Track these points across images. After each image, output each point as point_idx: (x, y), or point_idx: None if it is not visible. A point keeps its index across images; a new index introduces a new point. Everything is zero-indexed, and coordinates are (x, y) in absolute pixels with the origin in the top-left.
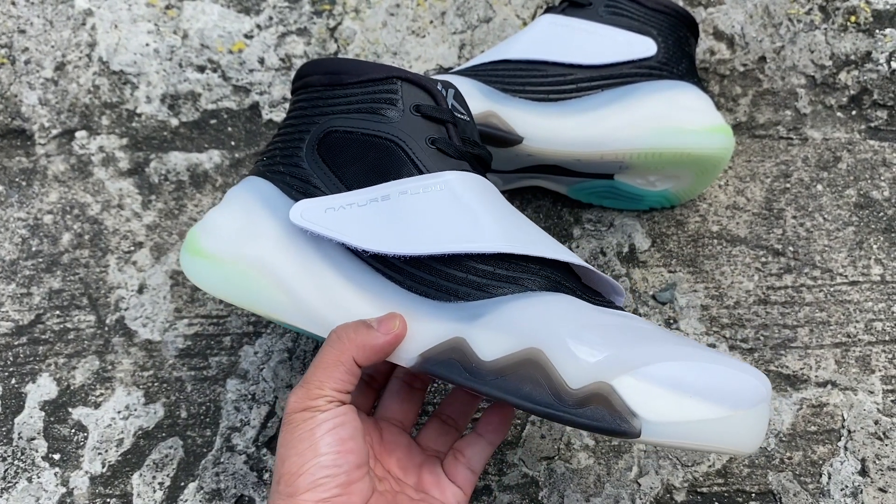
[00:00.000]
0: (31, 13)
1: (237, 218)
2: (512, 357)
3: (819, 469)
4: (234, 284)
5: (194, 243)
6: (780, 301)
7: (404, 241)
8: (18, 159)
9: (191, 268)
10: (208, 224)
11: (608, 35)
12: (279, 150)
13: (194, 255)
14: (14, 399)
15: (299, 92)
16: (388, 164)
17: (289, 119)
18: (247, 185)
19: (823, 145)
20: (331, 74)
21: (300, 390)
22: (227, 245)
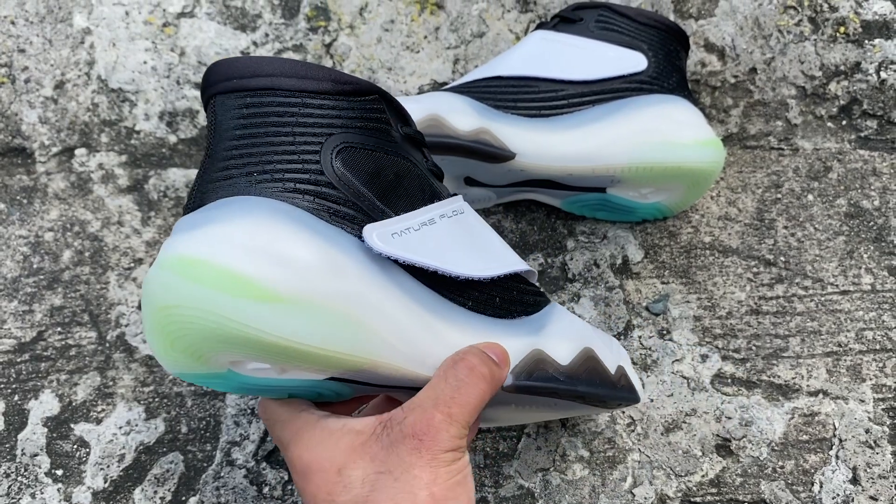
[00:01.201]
0: (30, 32)
1: (310, 249)
2: (578, 358)
3: (811, 478)
4: (326, 330)
5: (256, 287)
6: (772, 311)
7: (480, 263)
8: (19, 177)
9: (265, 318)
10: (274, 263)
11: (599, 50)
12: (275, 164)
13: (265, 300)
14: (17, 415)
15: (261, 94)
16: (419, 186)
17: (264, 128)
18: (263, 208)
19: (814, 155)
20: (305, 80)
21: (449, 427)
22: (310, 283)
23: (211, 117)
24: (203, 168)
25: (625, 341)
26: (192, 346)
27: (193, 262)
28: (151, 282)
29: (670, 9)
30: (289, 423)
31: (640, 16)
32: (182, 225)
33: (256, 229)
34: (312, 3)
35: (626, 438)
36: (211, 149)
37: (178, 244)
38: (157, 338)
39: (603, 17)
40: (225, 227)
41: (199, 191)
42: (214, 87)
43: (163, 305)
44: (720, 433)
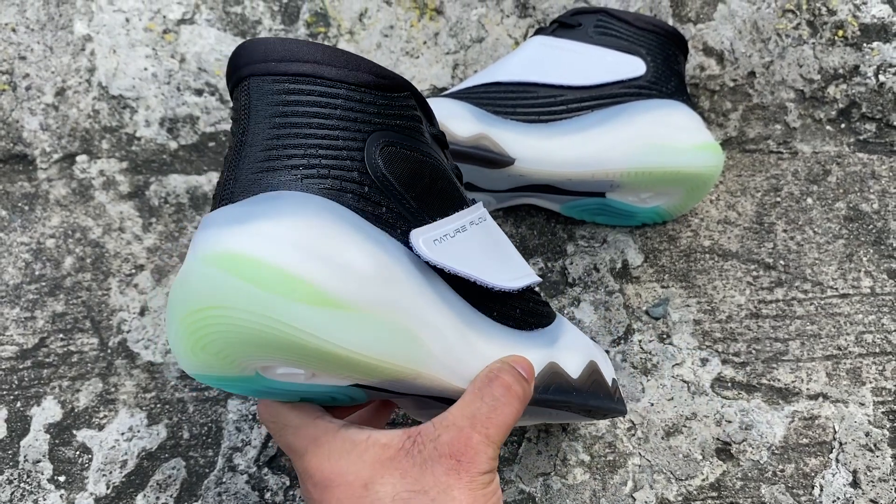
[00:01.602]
0: (31, 39)
1: (365, 255)
2: (585, 371)
3: (811, 481)
4: (381, 340)
5: (316, 292)
6: (772, 315)
7: (507, 274)
8: (21, 184)
9: (322, 325)
10: (331, 266)
11: (597, 56)
12: (318, 157)
13: (323, 306)
14: (19, 422)
15: (302, 81)
16: (450, 190)
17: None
18: (314, 206)
19: (813, 159)
20: (356, 71)
21: (487, 448)
22: (369, 291)
23: (244, 100)
24: (238, 155)
25: (625, 345)
26: (231, 350)
27: (246, 260)
28: (192, 278)
29: (669, 13)
30: (303, 429)
31: (639, 21)
32: (223, 217)
33: (310, 229)
34: (312, 8)
35: (626, 443)
36: (247, 135)
37: (226, 239)
38: (187, 339)
39: (602, 22)
40: (277, 224)
41: (237, 180)
42: (249, 67)
43: (205, 306)
44: (720, 437)
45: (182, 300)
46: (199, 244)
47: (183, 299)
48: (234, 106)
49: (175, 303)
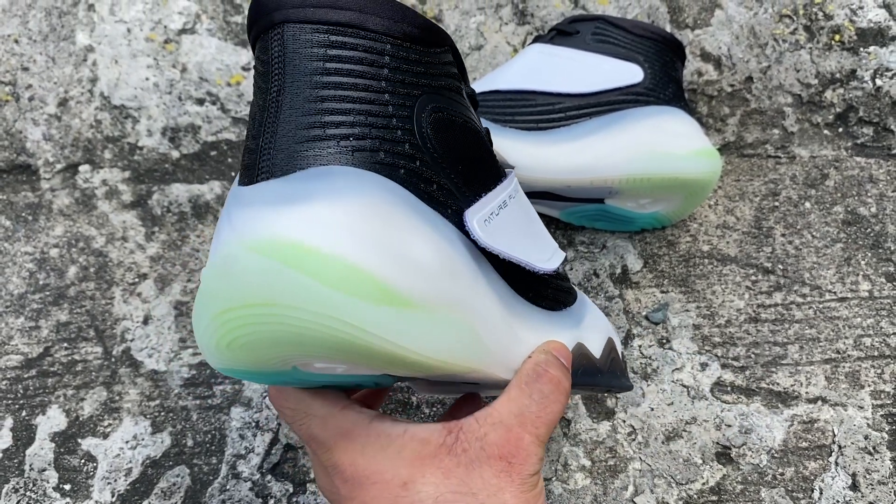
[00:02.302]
0: (33, 50)
1: (429, 244)
2: (605, 350)
3: (811, 484)
4: (447, 339)
5: (383, 288)
6: (771, 319)
7: (544, 254)
8: (24, 194)
9: (389, 326)
10: (397, 258)
11: (595, 63)
12: (368, 126)
13: (389, 304)
14: (25, 431)
15: (345, 33)
16: (489, 159)
17: (352, 77)
18: (370, 185)
19: (811, 163)
20: (401, 23)
21: (538, 449)
22: (432, 285)
23: (276, 50)
24: (275, 117)
25: (625, 350)
26: (278, 349)
27: (306, 250)
28: (238, 268)
29: (667, 19)
30: (330, 419)
31: (636, 28)
32: (268, 194)
33: (370, 214)
34: None
35: (627, 447)
36: (284, 94)
37: (276, 222)
38: (226, 335)
39: (599, 29)
40: (333, 207)
41: (276, 149)
42: (283, 12)
43: (256, 301)
44: (720, 441)
45: (224, 293)
46: (241, 225)
47: (225, 292)
48: (259, 56)
49: (212, 295)
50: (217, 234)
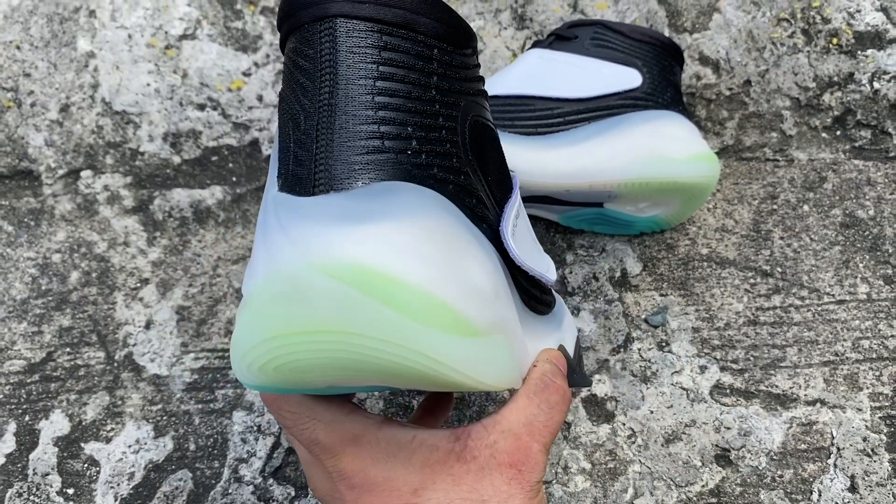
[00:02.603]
0: (35, 57)
1: (485, 267)
2: (576, 349)
3: (809, 486)
4: (494, 365)
5: (457, 319)
6: (769, 321)
7: (545, 261)
8: (26, 200)
9: (458, 355)
10: (463, 286)
11: (594, 68)
12: (422, 139)
13: (458, 333)
14: (28, 435)
15: (398, 34)
16: (506, 167)
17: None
18: (433, 205)
19: (809, 166)
20: (446, 25)
21: (544, 457)
22: (488, 311)
23: (326, 46)
24: (329, 123)
25: (624, 353)
26: (336, 374)
27: (383, 278)
28: (308, 291)
29: (665, 23)
30: (337, 425)
31: (635, 32)
32: (333, 210)
33: (435, 236)
34: None
35: (626, 450)
36: (337, 96)
37: (345, 243)
38: (279, 359)
39: (598, 34)
40: (400, 229)
41: (333, 158)
42: (337, 5)
43: (327, 328)
44: (719, 443)
45: (291, 315)
46: (306, 242)
47: (293, 314)
48: (300, 49)
49: (274, 315)
50: (269, 246)
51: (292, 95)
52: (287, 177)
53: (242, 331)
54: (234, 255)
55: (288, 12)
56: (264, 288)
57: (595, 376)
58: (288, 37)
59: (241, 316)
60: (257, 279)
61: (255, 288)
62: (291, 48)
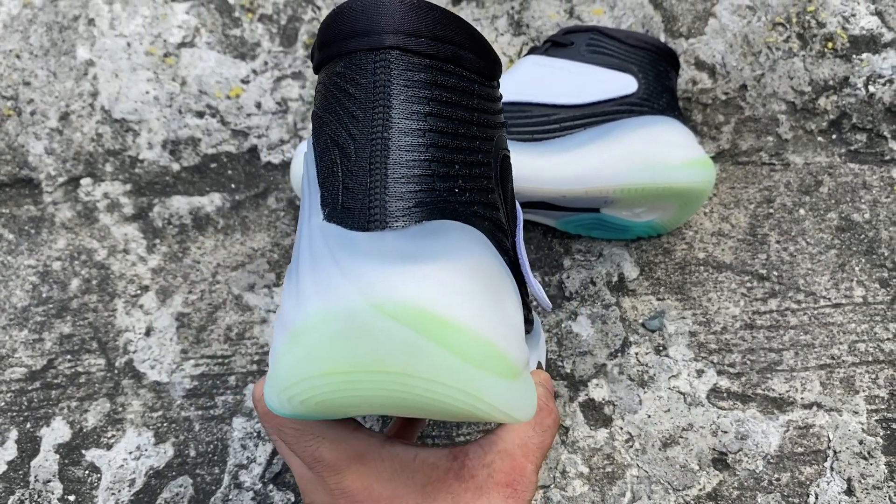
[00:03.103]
0: (35, 65)
1: (517, 308)
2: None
3: (806, 489)
4: (524, 401)
5: (506, 362)
6: (766, 325)
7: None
8: (27, 208)
9: (503, 396)
10: (508, 328)
11: (590, 74)
12: (467, 176)
13: (506, 377)
14: (29, 443)
15: (447, 70)
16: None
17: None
18: (479, 246)
19: (805, 170)
20: (484, 60)
21: (537, 477)
22: (524, 352)
23: (382, 77)
24: (383, 157)
25: (622, 358)
26: (381, 409)
27: (442, 322)
28: (370, 331)
29: (661, 28)
30: (342, 442)
31: (630, 38)
32: (387, 247)
33: (483, 277)
34: (310, 30)
35: (624, 454)
36: (391, 130)
37: (404, 284)
38: (330, 393)
39: (593, 40)
40: (455, 271)
41: (391, 195)
42: (395, 36)
43: (388, 370)
44: (716, 447)
45: (350, 354)
46: (365, 280)
47: (352, 353)
48: (348, 75)
49: (331, 352)
50: (322, 280)
51: (336, 121)
52: (336, 207)
53: (292, 365)
54: (233, 262)
55: (337, 37)
56: (320, 323)
57: (593, 381)
58: (331, 59)
59: (292, 349)
60: (309, 312)
61: (308, 322)
62: (338, 72)
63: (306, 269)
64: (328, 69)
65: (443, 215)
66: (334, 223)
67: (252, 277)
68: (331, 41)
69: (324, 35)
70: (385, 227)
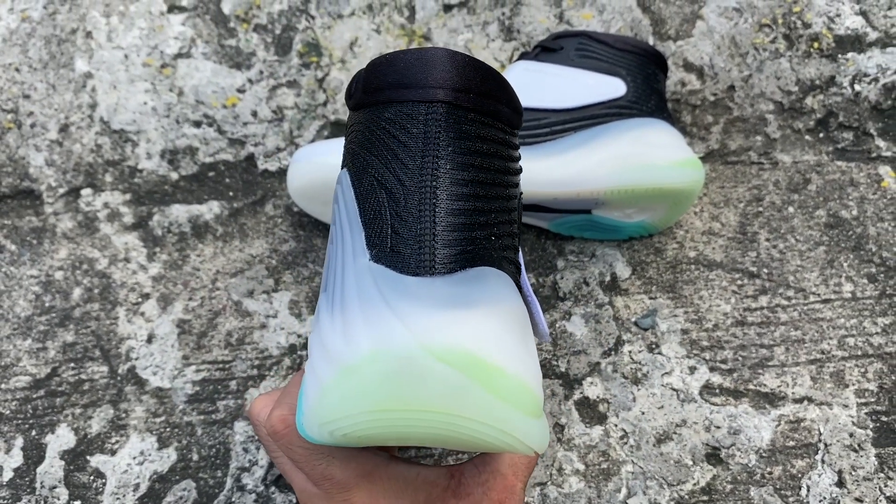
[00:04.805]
0: (34, 78)
1: (534, 341)
2: None
3: (798, 482)
4: (546, 436)
5: (537, 404)
6: (757, 322)
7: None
8: (29, 219)
9: (532, 433)
10: (537, 371)
11: (579, 78)
12: (500, 224)
13: (537, 416)
14: (35, 450)
15: (488, 123)
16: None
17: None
18: (511, 293)
19: (793, 168)
20: (516, 113)
21: (524, 493)
22: (541, 388)
23: (434, 128)
24: (433, 204)
25: (615, 356)
26: (417, 441)
27: (489, 368)
28: (423, 373)
29: (649, 31)
30: (352, 461)
31: (618, 42)
32: (437, 292)
33: (517, 323)
34: (304, 39)
35: (619, 451)
36: (440, 177)
37: (454, 330)
38: (377, 428)
39: (582, 45)
40: (497, 318)
41: (440, 242)
42: (449, 92)
43: (434, 409)
44: (710, 442)
45: (401, 393)
46: (418, 325)
47: (404, 392)
48: (398, 122)
49: (382, 391)
50: (374, 320)
51: (383, 165)
52: (384, 249)
53: (341, 399)
54: (232, 269)
55: (389, 84)
56: (372, 362)
57: (587, 379)
58: (378, 103)
59: (341, 384)
60: (361, 350)
61: (360, 359)
62: (387, 118)
63: (354, 306)
64: (374, 111)
65: (482, 262)
66: (382, 265)
67: (251, 283)
68: (382, 87)
69: (373, 79)
70: (434, 274)
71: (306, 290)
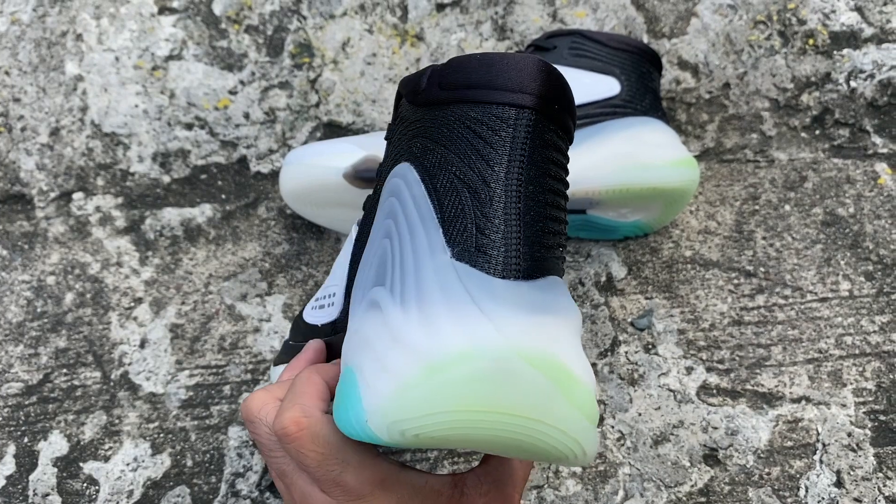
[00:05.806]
0: (24, 82)
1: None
2: None
3: (797, 483)
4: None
5: (596, 410)
6: (754, 321)
7: None
8: (20, 223)
9: (590, 438)
10: (594, 383)
11: (573, 77)
12: (562, 232)
13: (596, 423)
14: (27, 457)
15: (562, 132)
16: None
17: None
18: (565, 292)
19: (789, 166)
20: (575, 123)
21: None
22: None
23: (522, 134)
24: (521, 210)
25: (612, 357)
26: (485, 448)
27: (573, 378)
28: (514, 376)
29: (644, 29)
30: (365, 469)
31: (612, 41)
32: (524, 297)
33: (578, 330)
34: (296, 40)
35: (616, 453)
36: (526, 185)
37: (541, 336)
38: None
39: (576, 44)
40: (570, 327)
41: (526, 247)
42: (541, 101)
43: (521, 414)
44: (707, 443)
45: (490, 394)
46: (508, 327)
47: (492, 394)
48: (483, 122)
49: (471, 390)
50: (462, 319)
51: (466, 163)
52: (468, 247)
53: (425, 397)
54: (225, 272)
55: (477, 83)
56: (464, 362)
57: None
58: (463, 101)
59: (427, 381)
60: (450, 348)
61: (450, 357)
62: (473, 118)
63: (436, 300)
64: (457, 109)
65: (555, 270)
66: (465, 263)
67: (244, 287)
68: (469, 85)
69: (459, 76)
70: (520, 278)
71: (300, 293)
